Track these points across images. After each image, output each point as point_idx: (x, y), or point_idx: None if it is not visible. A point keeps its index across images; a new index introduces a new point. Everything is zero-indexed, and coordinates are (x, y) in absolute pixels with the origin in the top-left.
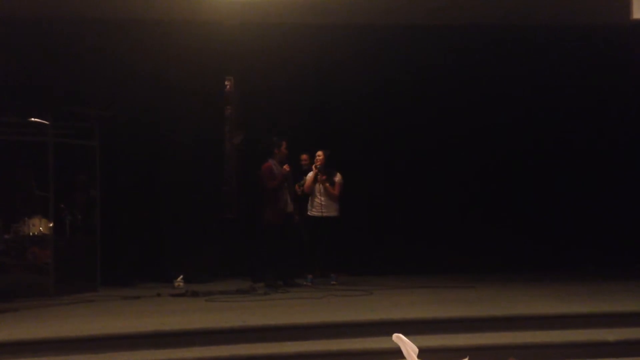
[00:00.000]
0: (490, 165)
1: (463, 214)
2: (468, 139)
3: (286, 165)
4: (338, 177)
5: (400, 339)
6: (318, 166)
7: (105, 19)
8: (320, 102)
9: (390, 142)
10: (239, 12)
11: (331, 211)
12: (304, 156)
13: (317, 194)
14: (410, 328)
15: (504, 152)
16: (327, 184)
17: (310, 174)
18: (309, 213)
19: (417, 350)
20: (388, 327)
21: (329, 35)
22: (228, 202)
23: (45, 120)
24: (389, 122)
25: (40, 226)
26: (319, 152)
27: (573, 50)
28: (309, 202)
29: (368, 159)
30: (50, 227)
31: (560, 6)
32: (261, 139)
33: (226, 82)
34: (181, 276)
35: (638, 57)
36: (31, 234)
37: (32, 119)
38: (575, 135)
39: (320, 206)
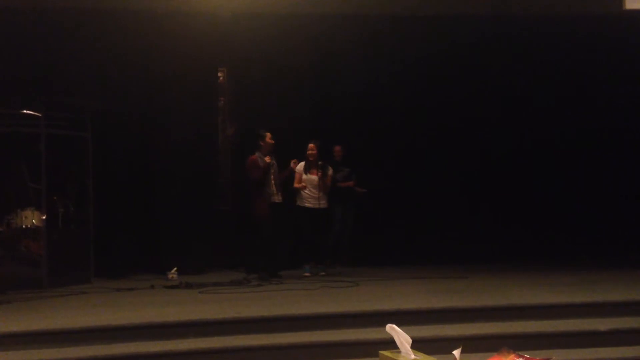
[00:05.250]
0: (484, 157)
1: (456, 205)
2: (463, 131)
3: (267, 156)
4: (330, 170)
5: (394, 330)
6: (311, 160)
7: (98, 10)
8: (315, 93)
9: (385, 134)
10: (232, 2)
11: (324, 203)
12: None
13: (309, 186)
14: (403, 318)
15: (497, 143)
16: (321, 175)
17: (299, 167)
18: (299, 204)
19: (410, 340)
20: (382, 318)
21: (323, 26)
22: (221, 193)
23: (38, 112)
24: (384, 114)
25: (33, 218)
26: (311, 145)
27: (567, 40)
28: (298, 193)
29: (362, 150)
30: (43, 219)
31: None
32: (245, 132)
33: (219, 74)
34: (175, 268)
35: (631, 47)
36: (24, 226)
37: (24, 111)
38: (570, 126)
39: (313, 198)
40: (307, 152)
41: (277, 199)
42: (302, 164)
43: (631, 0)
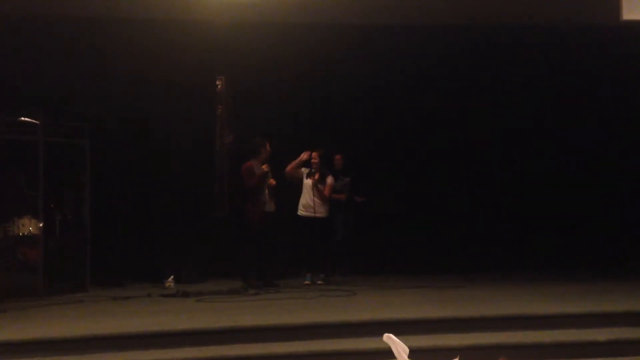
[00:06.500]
0: (480, 165)
1: (455, 214)
2: (462, 139)
3: (265, 165)
4: (330, 179)
5: (391, 339)
6: (314, 169)
7: (97, 18)
8: (312, 102)
9: (383, 143)
10: (230, 11)
11: (322, 212)
12: (338, 156)
13: (309, 195)
14: (401, 328)
15: (494, 152)
16: (319, 185)
17: (304, 169)
18: (298, 213)
19: (407, 350)
20: (379, 327)
21: (321, 35)
22: (219, 201)
23: (35, 120)
24: (381, 123)
25: (29, 226)
26: (315, 154)
27: (564, 50)
28: (299, 202)
29: (358, 158)
30: (40, 226)
31: (552, 7)
32: (245, 139)
33: (217, 82)
34: (172, 276)
35: (628, 57)
36: (21, 234)
37: (22, 118)
38: (567, 134)
39: (312, 207)
40: (312, 160)
41: (270, 207)
42: (307, 169)
43: (628, 10)
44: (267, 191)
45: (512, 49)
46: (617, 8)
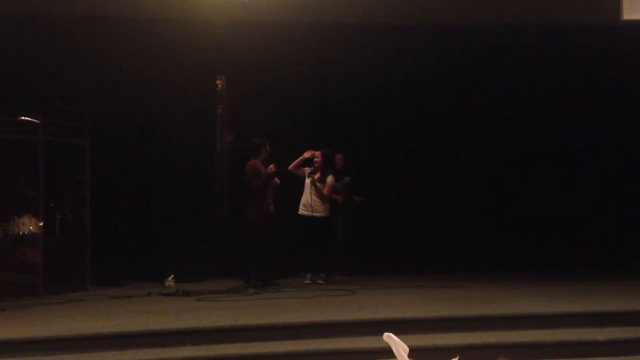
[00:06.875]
0: (479, 165)
1: (455, 214)
2: (461, 140)
3: (272, 165)
4: (330, 179)
5: (391, 338)
6: (316, 167)
7: (97, 17)
8: (312, 102)
9: (382, 143)
10: (231, 10)
11: (321, 211)
12: (338, 156)
13: (308, 194)
14: (401, 327)
15: (493, 152)
16: (319, 184)
17: (307, 169)
18: (299, 212)
19: (407, 349)
20: (379, 327)
21: (321, 35)
22: (219, 201)
23: (35, 119)
24: (381, 122)
25: (30, 225)
26: (317, 153)
27: (564, 50)
28: (300, 201)
29: (358, 158)
30: (40, 226)
31: (552, 7)
32: (245, 139)
33: (217, 82)
34: (172, 275)
35: (628, 57)
36: (21, 233)
37: (22, 118)
38: (566, 134)
39: (310, 206)
40: (315, 159)
41: (271, 208)
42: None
43: (628, 10)
44: (270, 192)
45: (512, 49)
46: (617, 8)
